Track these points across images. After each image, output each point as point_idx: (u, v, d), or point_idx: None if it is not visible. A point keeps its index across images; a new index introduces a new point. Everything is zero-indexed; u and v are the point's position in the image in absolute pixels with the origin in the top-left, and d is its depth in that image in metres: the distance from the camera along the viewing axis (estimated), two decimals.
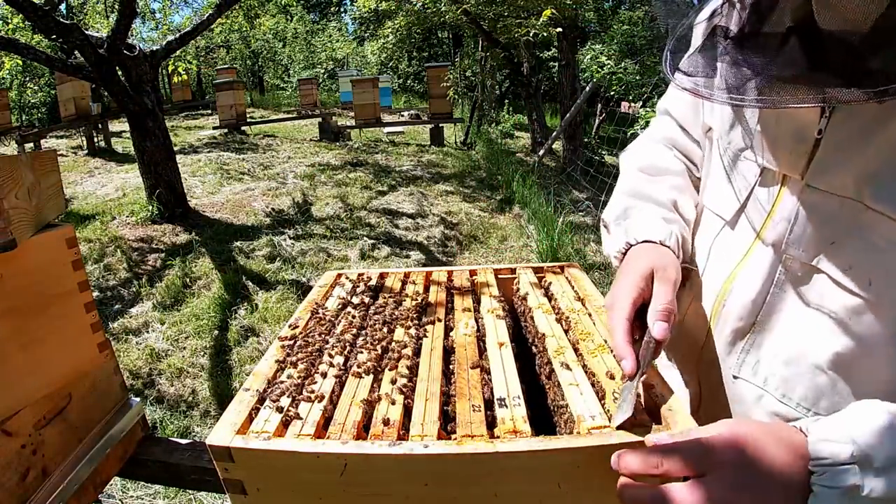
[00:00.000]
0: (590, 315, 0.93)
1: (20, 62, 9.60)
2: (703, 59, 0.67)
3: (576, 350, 0.84)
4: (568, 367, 0.78)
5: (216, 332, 4.03)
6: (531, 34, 6.91)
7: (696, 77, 0.67)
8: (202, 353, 3.80)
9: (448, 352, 0.87)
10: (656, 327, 0.70)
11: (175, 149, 6.61)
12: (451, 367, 0.83)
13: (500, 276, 1.14)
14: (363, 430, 0.68)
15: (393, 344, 0.87)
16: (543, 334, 0.89)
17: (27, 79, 13.80)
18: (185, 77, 11.83)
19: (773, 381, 0.76)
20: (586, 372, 0.77)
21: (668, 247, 0.85)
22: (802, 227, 0.69)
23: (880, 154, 0.61)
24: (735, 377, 0.81)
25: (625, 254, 0.87)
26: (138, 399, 1.12)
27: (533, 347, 0.93)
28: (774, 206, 0.73)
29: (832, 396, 0.71)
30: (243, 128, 11.29)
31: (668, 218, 0.90)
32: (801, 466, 0.53)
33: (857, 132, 0.63)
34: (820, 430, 0.54)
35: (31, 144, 8.70)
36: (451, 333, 0.92)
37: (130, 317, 4.22)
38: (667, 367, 0.97)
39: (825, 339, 0.69)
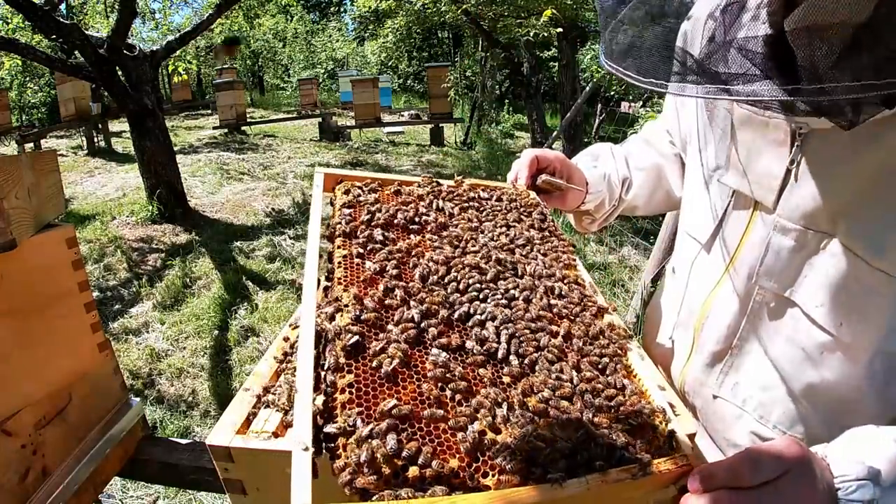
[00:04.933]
0: None
1: (20, 62, 9.59)
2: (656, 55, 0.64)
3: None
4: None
5: (216, 332, 4.02)
6: (531, 34, 6.90)
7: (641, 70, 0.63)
8: (202, 353, 3.80)
9: None
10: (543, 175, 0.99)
11: (175, 149, 6.61)
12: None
13: None
14: None
15: None
16: None
17: (27, 79, 13.79)
18: (185, 77, 11.82)
19: (752, 403, 0.76)
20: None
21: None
22: (774, 258, 0.69)
23: (853, 186, 0.60)
24: (715, 396, 0.81)
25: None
26: (138, 399, 1.12)
27: None
28: (746, 233, 0.73)
29: (808, 422, 0.71)
30: (243, 128, 11.29)
31: (597, 163, 1.07)
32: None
33: (829, 164, 0.62)
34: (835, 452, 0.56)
35: (31, 144, 8.70)
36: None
37: (130, 317, 4.22)
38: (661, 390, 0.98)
39: (799, 370, 0.70)
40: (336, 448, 0.49)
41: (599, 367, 0.68)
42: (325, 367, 0.57)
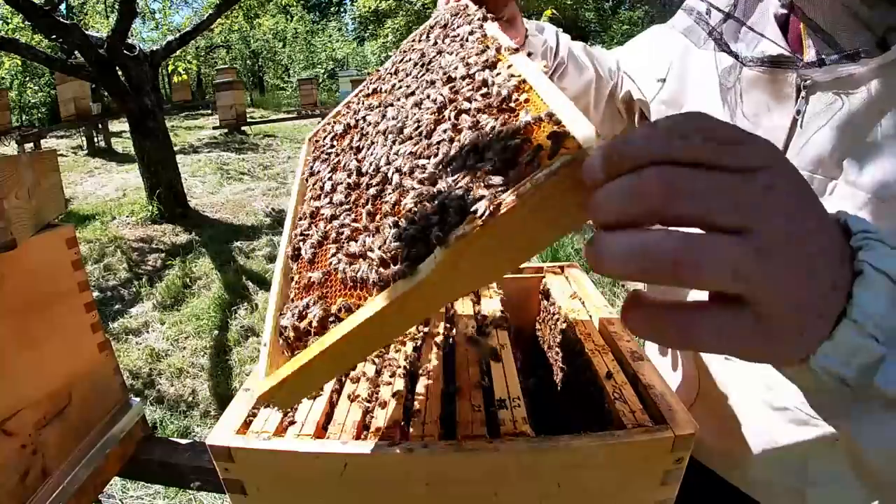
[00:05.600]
0: (590, 316, 0.93)
1: (20, 62, 9.60)
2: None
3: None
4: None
5: (216, 332, 4.02)
6: None
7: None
8: (202, 353, 3.80)
9: (448, 351, 0.87)
10: None
11: (175, 149, 6.61)
12: (451, 367, 0.83)
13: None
14: (363, 430, 0.68)
15: (393, 342, 0.87)
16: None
17: (27, 79, 13.80)
18: (185, 77, 11.82)
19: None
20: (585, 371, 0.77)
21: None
22: None
23: (856, 130, 0.62)
24: (727, 358, 0.80)
25: None
26: (138, 399, 1.12)
27: (549, 350, 0.92)
28: None
29: None
30: (243, 128, 11.29)
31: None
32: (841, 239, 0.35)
33: (831, 111, 0.64)
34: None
35: (31, 144, 8.69)
36: (452, 333, 0.92)
37: (130, 317, 4.22)
38: (660, 356, 0.97)
39: None
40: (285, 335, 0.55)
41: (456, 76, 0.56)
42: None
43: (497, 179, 0.39)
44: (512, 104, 0.47)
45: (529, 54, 0.58)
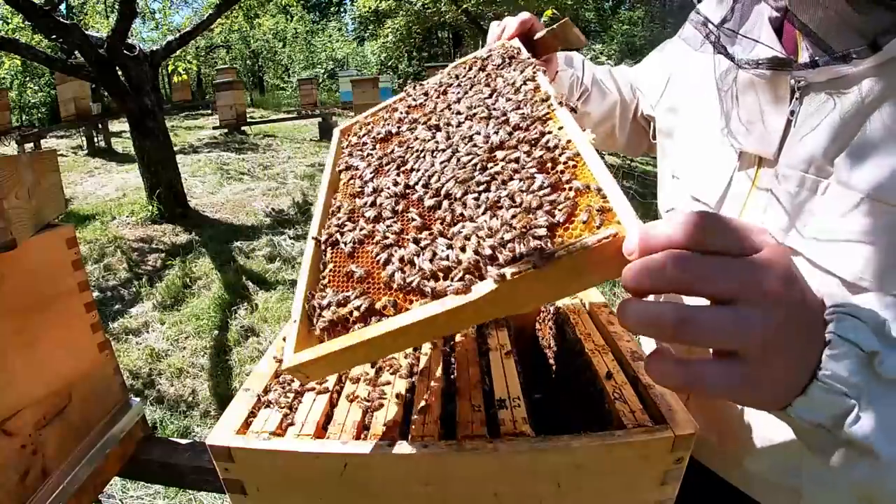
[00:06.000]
0: (590, 316, 0.93)
1: (20, 62, 9.60)
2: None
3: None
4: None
5: (216, 332, 4.02)
6: None
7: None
8: (202, 353, 3.80)
9: (448, 352, 0.87)
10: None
11: (175, 149, 6.61)
12: (451, 367, 0.83)
13: None
14: (363, 430, 0.68)
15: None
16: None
17: (27, 79, 13.81)
18: (185, 77, 11.83)
19: None
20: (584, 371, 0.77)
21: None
22: (777, 207, 0.71)
23: (849, 130, 0.63)
24: None
25: None
26: (138, 399, 1.12)
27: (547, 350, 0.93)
28: (751, 190, 0.76)
29: None
30: (243, 128, 11.29)
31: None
32: (820, 308, 0.43)
33: (825, 111, 0.65)
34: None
35: (31, 144, 8.70)
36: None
37: (130, 317, 4.22)
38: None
39: None
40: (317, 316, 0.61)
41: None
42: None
43: (544, 231, 0.49)
44: (560, 166, 0.57)
45: (573, 110, 0.65)
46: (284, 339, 0.64)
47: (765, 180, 0.74)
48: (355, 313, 0.58)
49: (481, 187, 0.59)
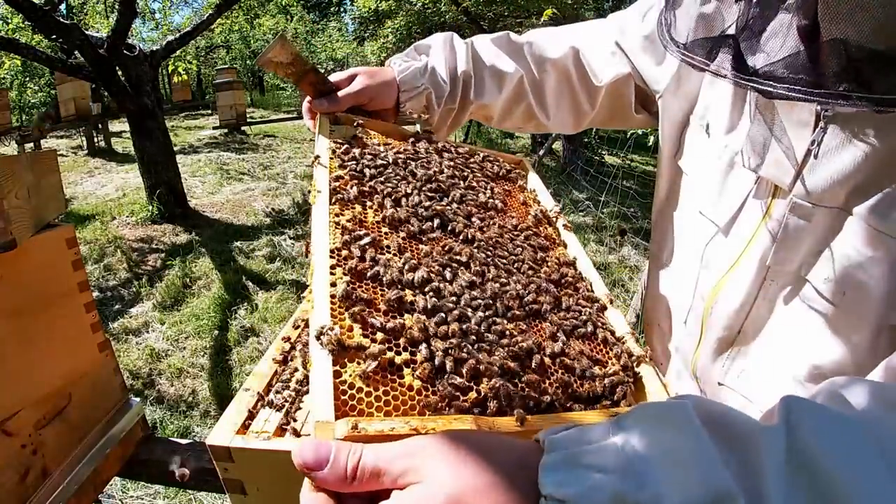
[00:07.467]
0: None
1: (20, 62, 9.60)
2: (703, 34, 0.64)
3: None
4: None
5: (216, 332, 4.02)
6: None
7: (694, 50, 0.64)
8: (202, 353, 3.80)
9: None
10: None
11: (175, 149, 6.61)
12: None
13: None
14: None
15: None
16: None
17: (27, 79, 13.80)
18: (185, 77, 11.83)
19: (757, 391, 0.76)
20: None
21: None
22: (789, 238, 0.69)
23: (872, 164, 0.60)
24: (720, 384, 0.81)
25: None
26: (138, 399, 1.12)
27: None
28: (764, 216, 0.73)
29: None
30: (243, 128, 11.29)
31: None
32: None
33: (849, 143, 0.62)
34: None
35: (31, 144, 8.70)
36: None
37: (130, 317, 4.22)
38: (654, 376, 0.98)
39: (805, 352, 0.69)
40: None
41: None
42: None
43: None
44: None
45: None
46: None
47: (779, 208, 0.70)
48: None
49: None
